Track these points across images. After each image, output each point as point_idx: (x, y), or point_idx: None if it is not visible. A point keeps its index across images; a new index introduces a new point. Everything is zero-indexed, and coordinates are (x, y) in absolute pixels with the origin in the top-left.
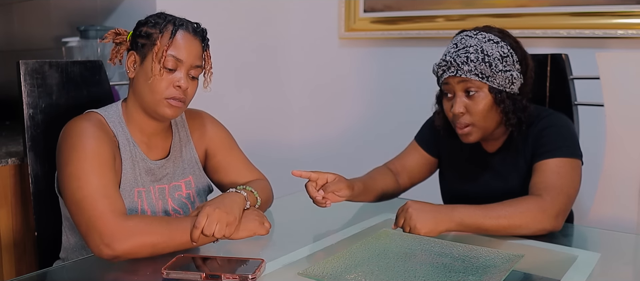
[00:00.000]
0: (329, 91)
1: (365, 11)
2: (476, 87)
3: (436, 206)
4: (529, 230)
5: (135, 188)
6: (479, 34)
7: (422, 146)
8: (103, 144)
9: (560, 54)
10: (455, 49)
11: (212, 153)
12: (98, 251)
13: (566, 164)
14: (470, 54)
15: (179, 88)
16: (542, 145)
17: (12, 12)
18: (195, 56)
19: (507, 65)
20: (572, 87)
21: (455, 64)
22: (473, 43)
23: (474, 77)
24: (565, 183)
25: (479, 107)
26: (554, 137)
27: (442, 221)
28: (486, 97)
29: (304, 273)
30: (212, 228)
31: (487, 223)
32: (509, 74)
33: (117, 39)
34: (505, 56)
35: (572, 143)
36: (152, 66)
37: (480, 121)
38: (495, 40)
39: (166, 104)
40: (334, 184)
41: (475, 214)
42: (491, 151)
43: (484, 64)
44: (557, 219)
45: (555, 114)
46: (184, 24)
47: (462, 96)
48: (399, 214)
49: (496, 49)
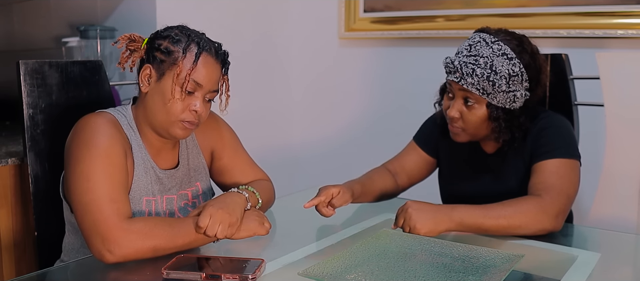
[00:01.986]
0: (329, 91)
1: (365, 11)
2: (475, 100)
3: (435, 206)
4: (529, 230)
5: (145, 196)
6: (496, 43)
7: (421, 146)
8: (116, 143)
9: (560, 54)
10: (466, 54)
11: (219, 155)
12: (100, 256)
13: (565, 165)
14: (478, 67)
15: (195, 112)
16: (540, 146)
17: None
18: (214, 81)
19: (513, 85)
20: (572, 87)
21: (460, 71)
22: (486, 54)
23: (475, 91)
24: (564, 184)
25: (473, 118)
26: (552, 138)
27: (441, 221)
28: (482, 111)
29: (304, 273)
30: (215, 229)
31: (487, 223)
32: (512, 94)
33: (131, 45)
34: (514, 75)
35: (570, 143)
36: (173, 88)
37: (471, 129)
38: (510, 57)
39: (180, 127)
40: (339, 199)
41: (475, 214)
42: (490, 151)
43: (488, 81)
44: (557, 219)
45: (553, 115)
46: (208, 46)
47: (460, 102)
48: (399, 214)
49: (507, 66)
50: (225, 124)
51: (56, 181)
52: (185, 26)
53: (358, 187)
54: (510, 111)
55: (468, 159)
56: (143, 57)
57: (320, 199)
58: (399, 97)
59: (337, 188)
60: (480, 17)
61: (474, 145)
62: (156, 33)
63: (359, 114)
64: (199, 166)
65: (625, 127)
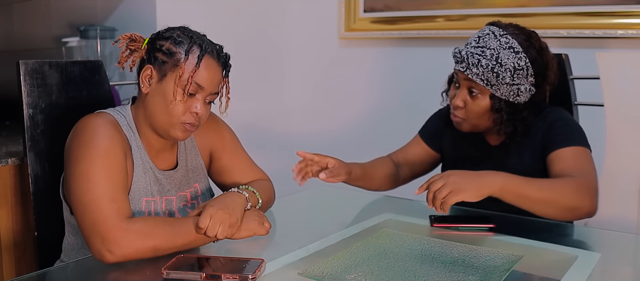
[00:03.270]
0: (329, 91)
1: (365, 11)
2: (479, 90)
3: (478, 172)
4: (568, 205)
5: (144, 197)
6: (504, 37)
7: (425, 140)
8: (116, 144)
9: (560, 54)
10: (474, 45)
11: (218, 156)
12: (100, 255)
13: (583, 152)
14: (484, 58)
15: (195, 114)
16: (556, 135)
17: (12, 12)
18: (216, 83)
19: (518, 78)
20: (572, 87)
21: (466, 61)
22: (493, 46)
23: (480, 81)
24: (590, 167)
25: (476, 108)
26: (565, 128)
27: (486, 184)
28: (485, 102)
29: (304, 273)
30: (216, 230)
31: (529, 191)
32: (515, 87)
33: (131, 45)
34: (519, 68)
35: (582, 134)
36: (175, 90)
37: (473, 119)
38: (516, 50)
39: (181, 128)
40: (333, 170)
41: (518, 181)
42: (494, 143)
43: (492, 73)
44: (592, 199)
45: (560, 110)
46: (210, 49)
47: (465, 91)
48: (435, 181)
49: (513, 59)
50: (224, 125)
51: (56, 181)
52: (187, 27)
53: (358, 170)
54: (514, 104)
55: (472, 150)
56: (144, 58)
57: (314, 159)
58: (399, 97)
59: (334, 161)
60: (480, 17)
61: (479, 137)
62: (158, 33)
63: (359, 114)
64: (198, 167)
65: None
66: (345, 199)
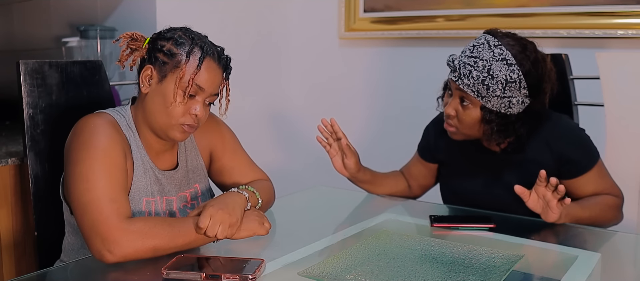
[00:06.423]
0: (329, 91)
1: (365, 11)
2: (469, 100)
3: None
4: (611, 223)
5: (144, 197)
6: (498, 48)
7: (422, 156)
8: (115, 144)
9: (560, 54)
10: (468, 54)
11: (218, 157)
12: (100, 256)
13: (602, 167)
14: (475, 69)
15: (195, 116)
16: (575, 161)
17: (12, 12)
18: (216, 85)
19: (509, 91)
20: (572, 87)
21: (459, 71)
22: (486, 57)
23: (470, 92)
24: (612, 181)
25: (467, 119)
26: (580, 150)
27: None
28: (476, 113)
29: (304, 273)
30: (216, 230)
31: (583, 215)
32: (507, 100)
33: (132, 44)
34: (511, 81)
35: (591, 145)
36: (175, 91)
37: (464, 129)
38: (509, 62)
39: (180, 130)
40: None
41: (574, 207)
42: (493, 150)
43: (483, 85)
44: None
45: (563, 121)
46: (211, 51)
47: (457, 100)
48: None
49: (505, 72)
50: (224, 125)
51: (56, 181)
52: (189, 28)
53: (368, 173)
54: (506, 116)
55: (470, 156)
56: (144, 57)
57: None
58: (399, 97)
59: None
60: (480, 17)
61: (477, 143)
62: (159, 34)
63: (358, 113)
64: (198, 167)
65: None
66: (345, 199)
